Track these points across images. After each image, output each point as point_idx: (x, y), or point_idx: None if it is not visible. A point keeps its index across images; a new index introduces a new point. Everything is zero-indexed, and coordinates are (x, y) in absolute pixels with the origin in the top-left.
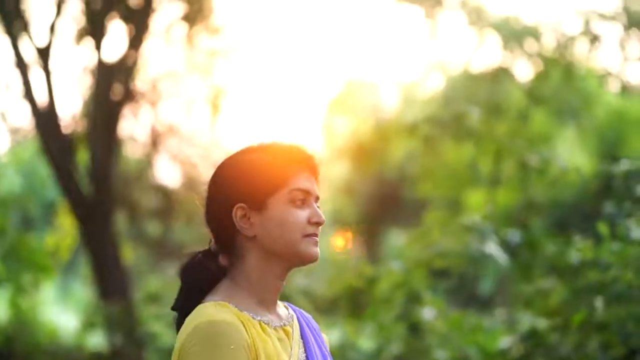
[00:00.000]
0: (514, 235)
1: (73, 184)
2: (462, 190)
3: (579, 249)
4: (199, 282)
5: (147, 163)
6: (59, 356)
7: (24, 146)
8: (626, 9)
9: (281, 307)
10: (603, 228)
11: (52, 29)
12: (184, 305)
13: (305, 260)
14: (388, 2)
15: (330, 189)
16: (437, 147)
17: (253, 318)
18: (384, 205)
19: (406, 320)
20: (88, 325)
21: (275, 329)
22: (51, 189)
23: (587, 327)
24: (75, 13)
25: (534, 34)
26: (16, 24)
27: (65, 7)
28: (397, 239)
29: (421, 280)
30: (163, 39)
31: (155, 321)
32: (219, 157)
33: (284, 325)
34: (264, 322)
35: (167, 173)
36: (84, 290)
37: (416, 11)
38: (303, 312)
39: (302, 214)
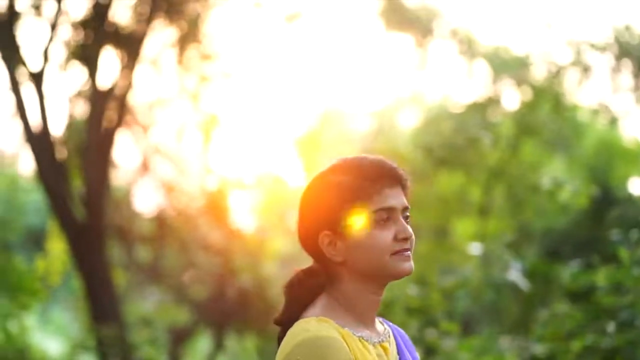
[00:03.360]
0: (516, 265)
1: (66, 208)
2: (450, 218)
3: (587, 274)
4: (298, 298)
5: (137, 189)
6: None
7: (9, 171)
8: (617, 40)
9: (377, 323)
10: (623, 253)
11: (45, 54)
12: (286, 320)
13: (398, 277)
14: (378, 31)
15: None
16: (433, 175)
17: (353, 334)
18: None
19: (421, 343)
20: (78, 348)
21: (374, 345)
22: (36, 214)
23: (597, 352)
24: (67, 39)
25: (524, 63)
26: (11, 49)
27: (58, 34)
28: None
29: (437, 305)
30: (155, 65)
31: (149, 345)
32: (214, 182)
33: (382, 341)
34: (363, 338)
35: (158, 199)
36: (63, 316)
37: (406, 40)
38: (397, 327)
39: (388, 234)
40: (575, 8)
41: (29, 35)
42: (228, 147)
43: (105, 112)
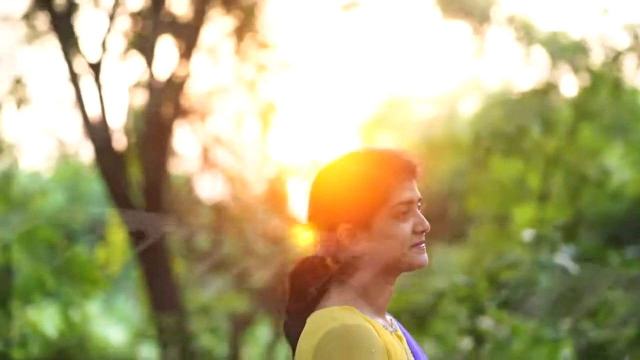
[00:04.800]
0: (569, 250)
1: (125, 198)
2: (510, 205)
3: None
4: (308, 287)
5: (197, 177)
6: None
7: (70, 161)
8: None
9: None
10: None
11: (103, 45)
12: (297, 310)
13: (415, 268)
14: (434, 19)
15: None
16: (489, 162)
17: (377, 323)
18: (430, 221)
19: (470, 332)
20: (140, 336)
21: (391, 334)
22: (97, 204)
23: None
24: (125, 29)
25: (582, 48)
26: (69, 40)
27: (116, 24)
28: (443, 254)
29: (485, 292)
30: (212, 54)
31: (209, 334)
32: (273, 170)
33: (396, 330)
34: (384, 326)
35: (217, 188)
36: (127, 304)
37: (463, 27)
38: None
39: (407, 227)
40: None
41: (87, 26)
42: (287, 135)
43: (163, 101)
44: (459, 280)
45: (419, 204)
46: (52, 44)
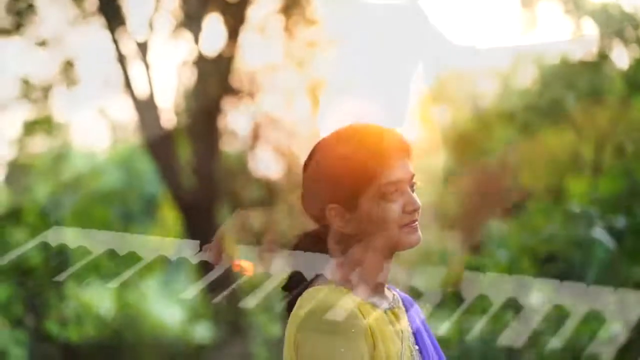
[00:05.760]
0: (619, 222)
1: (175, 177)
2: (563, 178)
3: None
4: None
5: (248, 155)
6: (166, 349)
7: (123, 141)
8: None
9: (386, 290)
10: None
11: (150, 23)
12: (295, 286)
13: (407, 247)
14: None
15: (429, 180)
16: (535, 135)
17: (364, 301)
18: (484, 195)
19: (515, 308)
20: (194, 317)
21: (385, 311)
22: (151, 184)
23: None
24: (172, 8)
25: (633, 20)
26: (116, 19)
27: (163, 3)
28: (497, 228)
29: (528, 267)
30: (261, 31)
31: (261, 313)
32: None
33: (393, 307)
34: (376, 304)
35: (268, 165)
36: (186, 283)
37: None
38: (405, 295)
39: (396, 207)
40: None
41: (135, 6)
42: (337, 112)
43: (212, 79)
44: (499, 254)
45: (413, 181)
46: (100, 24)
